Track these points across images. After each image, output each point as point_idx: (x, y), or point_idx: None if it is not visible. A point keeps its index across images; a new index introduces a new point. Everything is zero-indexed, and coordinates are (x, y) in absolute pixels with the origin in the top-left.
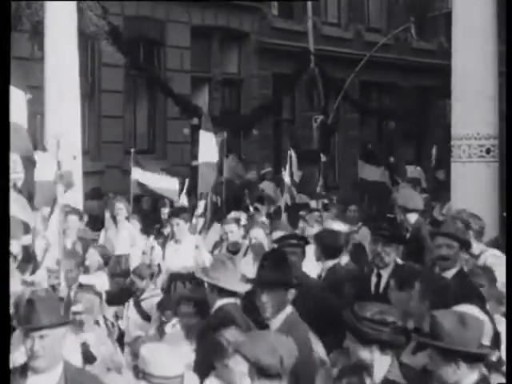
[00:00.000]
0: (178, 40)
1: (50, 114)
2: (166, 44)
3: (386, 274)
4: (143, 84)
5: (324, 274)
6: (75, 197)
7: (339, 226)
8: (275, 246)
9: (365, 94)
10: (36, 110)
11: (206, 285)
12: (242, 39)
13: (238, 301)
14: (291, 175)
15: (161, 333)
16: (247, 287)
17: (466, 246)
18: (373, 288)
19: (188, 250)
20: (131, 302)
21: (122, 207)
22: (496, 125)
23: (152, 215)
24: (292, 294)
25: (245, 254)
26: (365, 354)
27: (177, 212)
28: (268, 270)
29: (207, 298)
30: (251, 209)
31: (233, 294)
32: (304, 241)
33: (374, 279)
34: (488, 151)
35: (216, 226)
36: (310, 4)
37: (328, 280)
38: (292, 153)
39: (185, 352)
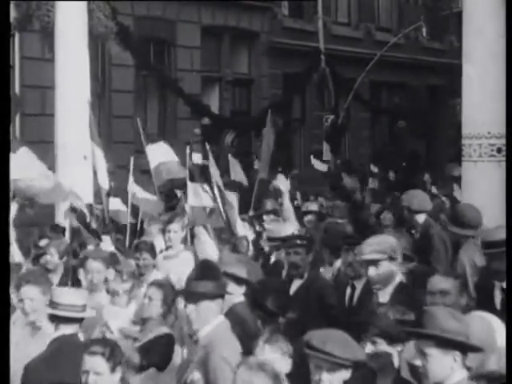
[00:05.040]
0: (188, 40)
1: (60, 115)
2: (177, 44)
3: (359, 285)
4: (154, 84)
5: (334, 275)
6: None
7: None
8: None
9: (375, 93)
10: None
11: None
12: (253, 39)
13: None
14: None
15: None
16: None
17: (394, 257)
18: (347, 300)
19: None
20: None
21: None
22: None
23: None
24: (219, 304)
25: None
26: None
27: None
28: (195, 281)
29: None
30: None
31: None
32: (309, 241)
33: (348, 290)
34: (499, 150)
35: None
36: (320, 3)
37: (337, 281)
38: None
39: None
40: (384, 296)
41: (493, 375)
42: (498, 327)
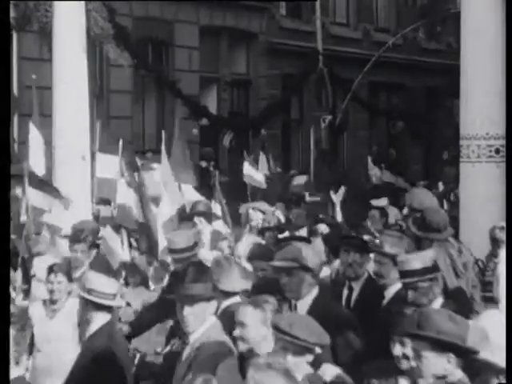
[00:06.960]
0: (186, 40)
1: (58, 115)
2: (175, 44)
3: (357, 287)
4: (152, 84)
5: (334, 274)
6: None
7: None
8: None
9: (373, 94)
10: (45, 111)
11: None
12: (251, 39)
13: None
14: None
15: None
16: (248, 284)
17: (309, 268)
18: (344, 302)
19: None
20: None
21: None
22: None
23: None
24: (214, 305)
25: None
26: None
27: None
28: (189, 283)
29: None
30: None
31: (234, 293)
32: (306, 241)
33: (345, 292)
34: (497, 151)
35: None
36: (318, 4)
37: (333, 282)
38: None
39: None
40: (302, 306)
41: (487, 366)
42: (495, 325)
